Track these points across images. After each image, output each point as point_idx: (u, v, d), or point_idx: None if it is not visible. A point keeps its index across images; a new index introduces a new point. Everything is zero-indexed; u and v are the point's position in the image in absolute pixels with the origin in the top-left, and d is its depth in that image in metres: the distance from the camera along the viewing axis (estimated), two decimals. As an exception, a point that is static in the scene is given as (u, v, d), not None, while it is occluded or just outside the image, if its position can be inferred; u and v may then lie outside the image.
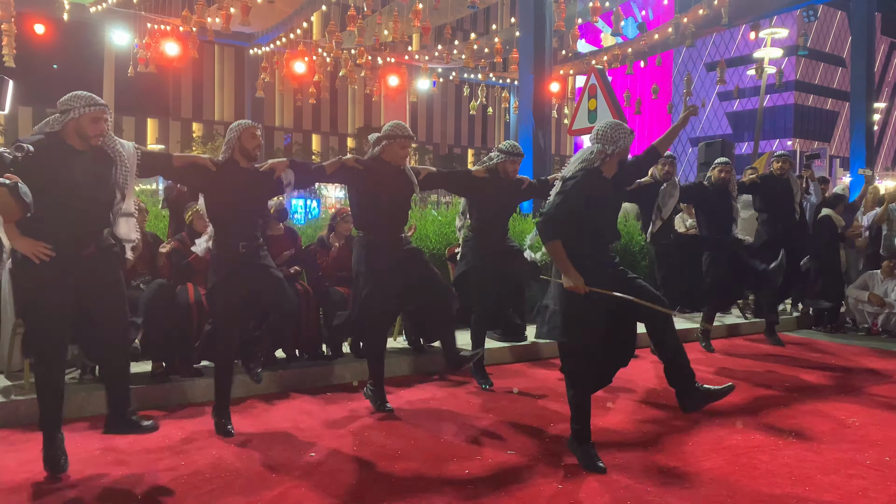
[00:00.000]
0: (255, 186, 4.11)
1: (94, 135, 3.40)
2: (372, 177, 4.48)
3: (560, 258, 3.61)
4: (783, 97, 58.99)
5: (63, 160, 3.33)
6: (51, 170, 3.29)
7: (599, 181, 3.71)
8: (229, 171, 4.04)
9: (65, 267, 3.32)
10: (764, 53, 14.53)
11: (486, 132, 56.07)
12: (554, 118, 14.73)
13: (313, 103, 18.94)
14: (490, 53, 17.30)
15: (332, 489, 3.33)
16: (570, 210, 3.62)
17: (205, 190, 4.08)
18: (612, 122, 3.74)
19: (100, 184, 3.45)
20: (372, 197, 4.50)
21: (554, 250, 3.62)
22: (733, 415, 4.67)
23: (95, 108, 3.37)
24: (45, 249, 3.24)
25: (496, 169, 5.14)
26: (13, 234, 3.24)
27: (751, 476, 3.58)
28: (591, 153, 3.69)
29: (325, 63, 18.43)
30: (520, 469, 3.63)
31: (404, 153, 4.56)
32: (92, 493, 3.25)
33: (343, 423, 4.36)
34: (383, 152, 4.52)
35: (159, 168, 3.92)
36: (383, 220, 4.53)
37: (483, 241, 5.13)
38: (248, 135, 4.07)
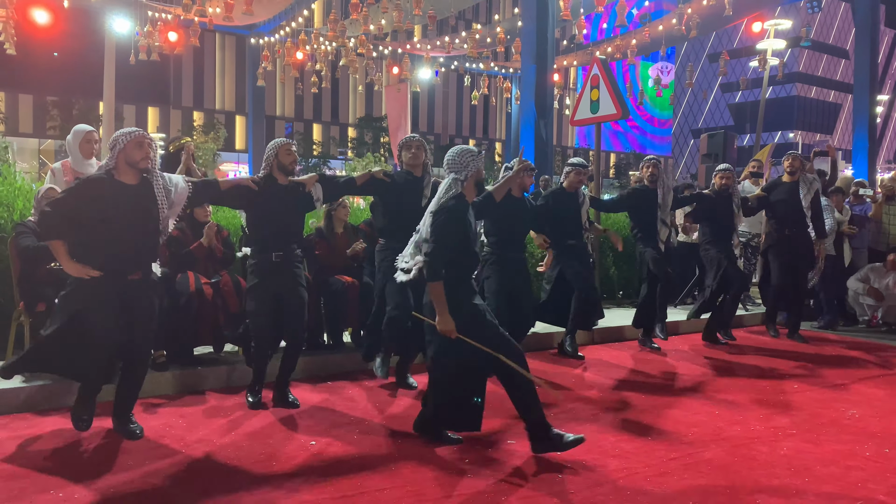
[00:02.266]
0: (293, 201, 4.43)
1: (141, 158, 3.73)
2: (397, 188, 4.77)
3: (441, 300, 3.61)
4: (786, 89, 58.85)
5: (115, 196, 3.67)
6: (104, 204, 3.64)
7: (464, 206, 3.75)
8: (269, 188, 4.37)
9: (113, 288, 3.69)
10: (767, 45, 14.45)
11: (487, 123, 55.94)
12: (555, 109, 14.70)
13: (315, 93, 18.88)
14: (492, 43, 17.23)
15: (332, 477, 3.34)
16: (449, 246, 3.64)
17: (248, 208, 4.42)
18: (457, 149, 3.80)
19: (146, 218, 3.80)
20: (395, 206, 4.78)
21: (436, 291, 3.62)
22: (732, 406, 4.68)
23: (136, 135, 3.74)
24: (92, 272, 3.61)
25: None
26: (65, 260, 3.64)
27: (750, 467, 3.59)
28: (448, 185, 3.74)
29: (327, 52, 18.37)
30: (522, 459, 3.64)
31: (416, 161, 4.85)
32: (90, 480, 3.26)
33: (343, 411, 4.38)
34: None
35: (208, 197, 4.38)
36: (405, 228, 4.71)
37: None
38: (284, 151, 4.40)
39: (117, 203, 3.66)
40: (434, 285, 3.62)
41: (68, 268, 3.64)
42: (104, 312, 3.66)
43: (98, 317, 3.64)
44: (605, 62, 7.83)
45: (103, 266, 3.64)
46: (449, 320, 3.61)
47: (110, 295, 3.67)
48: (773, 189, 6.95)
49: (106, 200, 3.64)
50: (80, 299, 3.65)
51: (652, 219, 6.33)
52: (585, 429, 4.12)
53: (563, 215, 5.87)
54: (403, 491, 3.21)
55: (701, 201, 6.72)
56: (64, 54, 37.13)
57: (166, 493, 3.14)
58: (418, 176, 4.83)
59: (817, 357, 6.34)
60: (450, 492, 3.21)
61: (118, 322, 3.70)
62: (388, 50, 20.20)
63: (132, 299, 3.75)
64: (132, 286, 3.76)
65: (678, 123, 67.40)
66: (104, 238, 3.65)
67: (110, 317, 3.67)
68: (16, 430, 3.87)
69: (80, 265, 3.62)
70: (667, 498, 3.19)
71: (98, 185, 3.68)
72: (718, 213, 6.62)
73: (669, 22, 16.24)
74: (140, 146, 3.71)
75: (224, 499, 3.09)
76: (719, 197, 6.60)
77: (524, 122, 8.21)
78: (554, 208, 5.84)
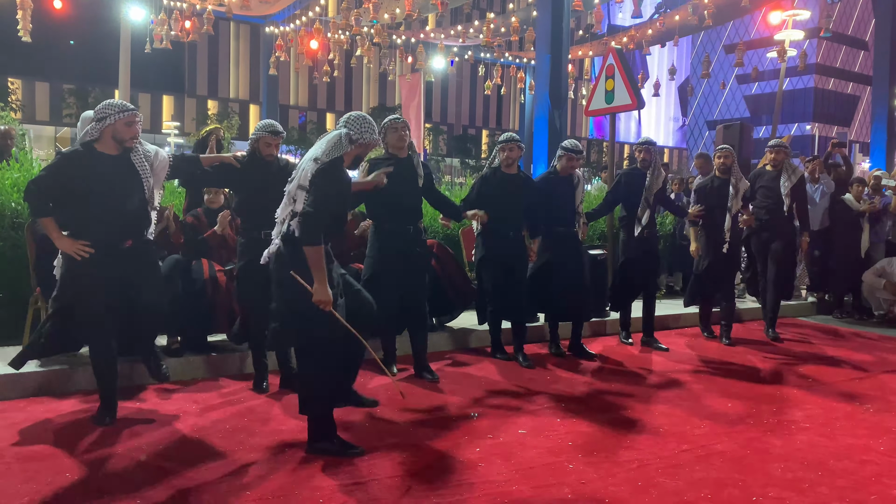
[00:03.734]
0: (280, 181, 4.20)
1: (130, 137, 3.75)
2: (393, 175, 4.72)
3: (319, 267, 3.30)
4: (803, 80, 58.15)
5: (97, 168, 3.68)
6: (87, 177, 3.66)
7: (342, 172, 3.49)
8: (254, 166, 4.36)
9: (107, 260, 3.70)
10: (785, 35, 14.27)
11: (500, 113, 55.73)
12: (570, 98, 14.62)
13: (328, 81, 18.86)
14: (506, 33, 17.13)
15: (344, 464, 3.36)
16: (329, 209, 3.36)
17: (234, 186, 4.48)
18: (364, 115, 3.56)
19: (132, 187, 3.79)
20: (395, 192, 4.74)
21: (316, 256, 3.29)
22: (745, 399, 4.65)
23: (128, 114, 3.73)
24: (83, 247, 3.65)
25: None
26: (56, 236, 3.68)
27: (763, 460, 3.58)
28: (338, 140, 3.42)
29: (341, 41, 18.32)
30: (533, 449, 3.64)
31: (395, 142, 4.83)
32: (104, 463, 3.30)
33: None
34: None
35: (189, 171, 4.33)
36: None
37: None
38: (263, 144, 4.38)
39: (101, 175, 3.68)
40: (313, 250, 3.29)
41: (60, 244, 3.68)
42: (102, 285, 3.69)
43: (97, 290, 3.68)
44: (620, 52, 7.77)
45: (96, 239, 3.67)
46: (326, 290, 3.31)
47: (107, 268, 3.70)
48: (756, 178, 6.79)
49: (89, 173, 3.66)
50: (78, 275, 3.68)
51: (636, 203, 6.00)
52: (596, 420, 4.12)
53: (555, 200, 5.54)
54: (415, 478, 3.22)
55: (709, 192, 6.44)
56: (80, 43, 37.37)
57: (178, 477, 3.16)
58: (403, 157, 4.81)
59: (832, 351, 6.29)
60: (461, 479, 3.22)
61: (118, 294, 3.74)
62: (402, 39, 20.13)
63: (130, 266, 3.78)
64: (126, 254, 3.77)
65: (693, 115, 66.84)
66: (93, 211, 3.67)
67: (109, 289, 3.70)
68: (32, 413, 3.92)
69: (71, 241, 3.66)
70: (679, 490, 3.19)
71: (78, 159, 3.70)
72: (716, 194, 6.39)
73: (685, 11, 16.07)
74: (131, 125, 3.74)
75: (236, 483, 3.11)
76: (720, 177, 6.38)
77: (538, 112, 8.16)
78: (545, 192, 5.54)
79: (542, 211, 5.46)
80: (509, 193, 5.27)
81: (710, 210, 6.29)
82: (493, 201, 5.24)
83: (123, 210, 3.75)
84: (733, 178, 6.22)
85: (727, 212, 6.19)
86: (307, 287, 3.32)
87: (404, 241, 4.77)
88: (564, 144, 5.63)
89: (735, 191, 6.18)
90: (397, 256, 4.74)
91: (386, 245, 4.76)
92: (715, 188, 6.33)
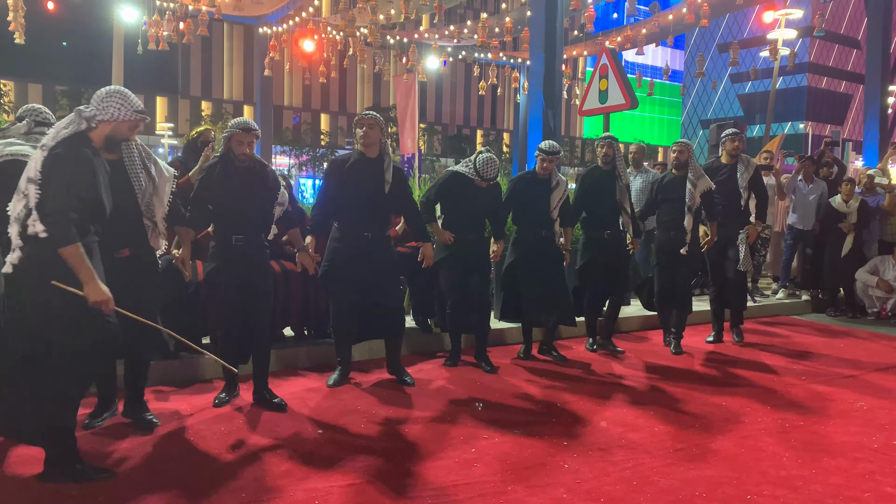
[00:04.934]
0: (250, 185, 4.06)
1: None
2: (351, 173, 4.59)
3: (83, 265, 2.94)
4: (796, 79, 58.32)
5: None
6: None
7: (81, 153, 3.05)
8: (224, 168, 4.05)
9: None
10: (778, 35, 14.33)
11: (495, 113, 55.73)
12: (564, 98, 14.62)
13: (323, 82, 18.84)
14: (500, 33, 17.14)
15: (341, 465, 3.36)
16: (73, 197, 2.97)
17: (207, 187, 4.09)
18: (115, 89, 3.19)
19: (126, 193, 3.49)
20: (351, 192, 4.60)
21: (75, 255, 2.91)
22: (740, 397, 4.67)
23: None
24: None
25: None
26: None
27: (757, 458, 3.59)
28: (71, 119, 3.10)
29: (335, 42, 18.31)
30: (529, 448, 3.65)
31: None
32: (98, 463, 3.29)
33: (350, 399, 4.39)
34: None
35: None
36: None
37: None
38: (236, 141, 4.01)
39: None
40: (68, 250, 2.89)
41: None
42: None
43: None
44: (614, 52, 7.79)
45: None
46: (100, 287, 2.98)
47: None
48: (712, 172, 6.24)
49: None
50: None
51: (603, 202, 5.66)
52: (590, 419, 4.13)
53: (526, 201, 5.35)
54: (411, 478, 3.23)
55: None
56: (72, 43, 37.22)
57: (177, 481, 3.16)
58: (373, 157, 4.54)
59: (826, 348, 6.32)
60: (457, 479, 3.22)
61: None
62: (396, 39, 20.13)
63: (121, 279, 3.43)
64: (121, 266, 3.48)
65: (687, 114, 66.99)
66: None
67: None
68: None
69: None
70: (674, 488, 3.20)
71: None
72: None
73: (679, 11, 16.10)
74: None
75: (232, 485, 3.11)
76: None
77: (532, 112, 8.17)
78: (521, 192, 5.37)
79: (506, 213, 5.37)
80: (472, 196, 5.11)
81: (665, 208, 5.96)
82: (456, 204, 5.13)
83: (116, 215, 3.42)
84: (691, 173, 5.81)
85: (687, 210, 5.77)
86: (76, 292, 2.95)
87: (357, 248, 4.51)
88: (540, 146, 5.42)
89: (693, 186, 5.77)
90: (349, 263, 4.50)
91: (338, 249, 4.55)
92: (667, 184, 5.96)
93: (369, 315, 4.65)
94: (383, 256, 4.63)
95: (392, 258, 4.76)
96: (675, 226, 5.84)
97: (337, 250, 4.56)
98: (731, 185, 6.18)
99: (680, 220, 5.81)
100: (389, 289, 4.70)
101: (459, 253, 5.10)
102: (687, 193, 5.76)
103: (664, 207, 5.98)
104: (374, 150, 4.54)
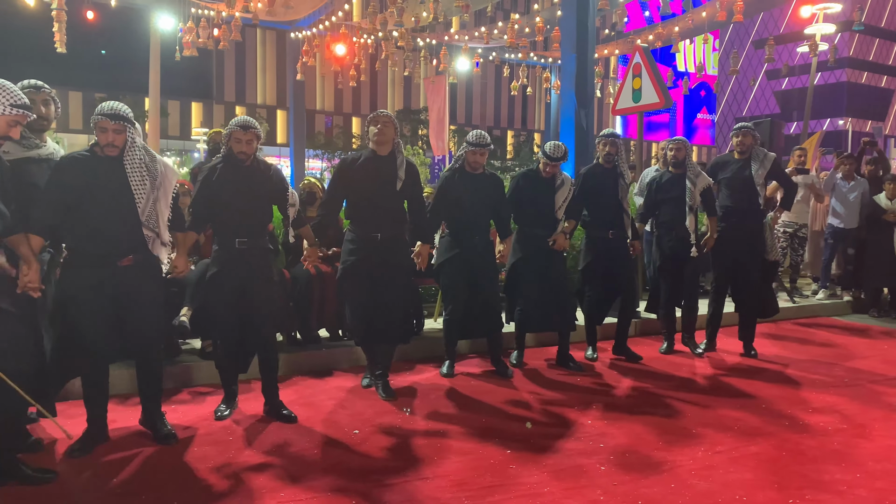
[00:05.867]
0: (252, 185, 3.96)
1: (104, 144, 3.39)
2: (363, 172, 4.49)
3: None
4: (835, 74, 57.01)
5: (93, 171, 3.37)
6: (80, 182, 3.33)
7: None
8: (224, 168, 3.95)
9: (100, 275, 3.37)
10: (816, 29, 14.01)
11: (526, 113, 55.54)
12: (596, 98, 14.50)
13: (353, 86, 19.00)
14: (531, 33, 17.08)
15: (376, 466, 3.38)
16: None
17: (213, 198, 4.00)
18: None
19: (124, 197, 3.41)
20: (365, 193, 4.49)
21: None
22: (781, 399, 4.58)
23: (101, 118, 3.32)
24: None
25: None
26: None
27: (798, 462, 3.52)
28: None
29: (366, 45, 18.44)
30: (563, 450, 3.62)
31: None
32: (128, 467, 3.36)
33: (386, 401, 4.42)
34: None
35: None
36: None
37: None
38: (234, 139, 3.90)
39: (92, 180, 3.34)
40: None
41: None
42: (90, 304, 3.37)
43: (84, 309, 3.36)
44: (647, 50, 7.70)
45: (85, 252, 3.36)
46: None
47: (95, 286, 3.36)
48: (718, 169, 5.86)
49: (84, 177, 3.34)
50: (67, 292, 3.38)
51: (605, 201, 5.42)
52: (626, 421, 4.09)
53: (530, 201, 5.18)
54: (446, 481, 3.23)
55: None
56: (111, 52, 38.10)
57: (210, 482, 3.21)
58: (384, 155, 4.44)
59: (868, 350, 6.17)
60: (493, 482, 3.22)
61: (103, 315, 3.39)
62: (426, 42, 20.19)
63: (123, 287, 3.42)
64: (123, 273, 3.41)
65: (721, 112, 65.93)
66: (84, 219, 3.34)
67: (95, 308, 3.37)
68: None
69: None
70: (713, 492, 3.15)
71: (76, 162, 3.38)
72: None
73: (713, 7, 15.87)
74: (103, 132, 3.36)
75: (270, 484, 3.14)
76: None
77: (564, 111, 8.12)
78: (523, 190, 5.20)
79: (510, 212, 5.16)
80: (474, 195, 4.92)
81: (665, 208, 5.73)
82: (458, 204, 4.92)
83: (115, 223, 3.40)
84: (689, 171, 5.61)
85: (689, 210, 5.55)
86: None
87: (367, 249, 4.39)
88: (544, 148, 5.21)
89: (693, 185, 5.56)
90: (361, 265, 4.40)
91: (350, 250, 4.45)
92: (665, 183, 5.73)
93: (373, 318, 4.49)
94: (393, 260, 4.46)
95: (402, 261, 4.55)
96: (676, 225, 5.64)
97: (349, 251, 4.48)
98: (741, 183, 5.69)
99: (680, 220, 5.61)
100: (396, 293, 4.49)
101: (463, 255, 4.91)
102: (687, 192, 5.57)
103: (664, 207, 5.75)
104: (387, 149, 4.44)
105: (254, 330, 4.00)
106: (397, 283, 4.50)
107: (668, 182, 5.73)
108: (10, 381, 2.87)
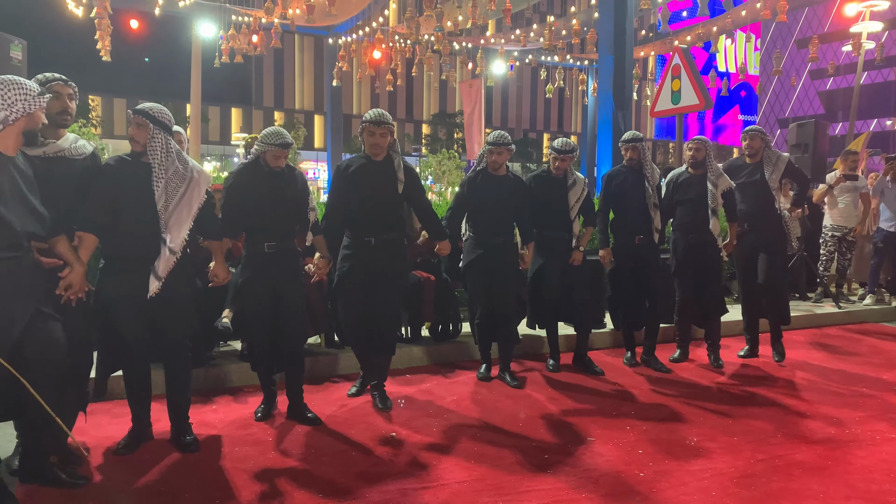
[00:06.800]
0: (280, 190, 3.99)
1: (129, 137, 3.48)
2: (365, 178, 4.38)
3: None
4: (882, 73, 55.40)
5: (128, 175, 3.42)
6: (119, 184, 3.40)
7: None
8: (255, 175, 3.97)
9: (137, 279, 3.39)
10: (862, 27, 13.66)
11: (562, 116, 55.27)
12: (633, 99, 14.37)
13: (389, 91, 19.14)
14: (568, 35, 17.02)
15: (413, 468, 3.40)
16: None
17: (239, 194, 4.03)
18: (8, 79, 2.88)
19: (150, 201, 3.41)
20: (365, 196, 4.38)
21: None
22: (823, 406, 4.47)
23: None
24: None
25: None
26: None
27: (845, 471, 3.43)
28: None
29: (403, 50, 18.56)
30: (601, 457, 3.59)
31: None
32: (171, 465, 3.42)
33: (422, 403, 4.43)
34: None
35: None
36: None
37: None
38: (272, 155, 3.92)
39: (127, 182, 3.40)
40: None
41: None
42: (128, 308, 3.42)
43: (122, 314, 3.42)
44: (686, 51, 7.61)
45: (121, 256, 3.42)
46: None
47: (132, 289, 3.39)
48: (732, 172, 5.62)
49: (121, 181, 3.40)
50: (105, 296, 3.42)
51: (631, 205, 5.29)
52: (665, 427, 4.03)
53: (543, 202, 5.10)
54: (483, 484, 3.22)
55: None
56: (154, 59, 39.09)
57: (249, 483, 3.26)
58: (378, 160, 4.29)
59: (919, 357, 5.98)
60: (529, 486, 3.20)
61: (140, 317, 3.44)
62: (462, 45, 20.24)
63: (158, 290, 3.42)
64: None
65: (763, 113, 64.64)
66: (124, 223, 3.39)
67: (133, 312, 3.42)
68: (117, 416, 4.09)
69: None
70: (755, 500, 3.08)
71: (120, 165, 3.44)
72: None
73: (753, 6, 15.58)
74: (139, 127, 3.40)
75: (310, 480, 3.17)
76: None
77: (602, 113, 8.08)
78: (535, 192, 5.11)
79: (529, 214, 5.05)
80: (496, 197, 4.86)
81: (682, 210, 5.48)
82: (480, 205, 4.88)
83: (150, 226, 3.42)
84: (710, 172, 5.36)
85: (711, 213, 5.30)
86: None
87: (361, 255, 4.28)
88: (553, 143, 5.17)
89: (714, 187, 5.32)
90: (355, 272, 4.29)
91: (345, 256, 4.35)
92: (682, 184, 5.49)
93: (368, 327, 4.39)
94: (389, 269, 4.33)
95: (397, 268, 4.40)
96: (695, 228, 5.37)
97: (343, 257, 4.40)
98: (753, 188, 5.51)
99: (699, 222, 5.35)
100: (387, 303, 4.36)
101: (486, 257, 4.86)
102: (709, 195, 5.31)
103: (681, 209, 5.48)
104: (382, 154, 4.31)
105: (286, 332, 4.03)
106: (392, 293, 4.39)
107: (685, 183, 5.48)
108: (36, 391, 2.81)
